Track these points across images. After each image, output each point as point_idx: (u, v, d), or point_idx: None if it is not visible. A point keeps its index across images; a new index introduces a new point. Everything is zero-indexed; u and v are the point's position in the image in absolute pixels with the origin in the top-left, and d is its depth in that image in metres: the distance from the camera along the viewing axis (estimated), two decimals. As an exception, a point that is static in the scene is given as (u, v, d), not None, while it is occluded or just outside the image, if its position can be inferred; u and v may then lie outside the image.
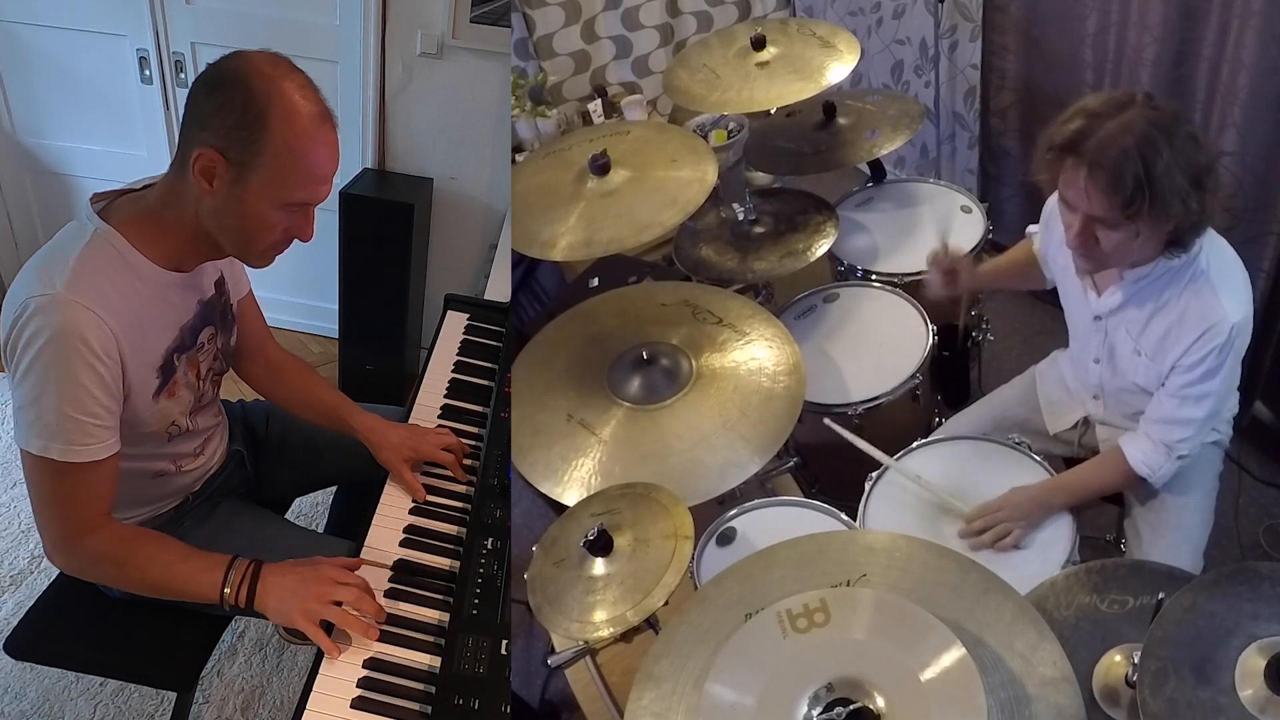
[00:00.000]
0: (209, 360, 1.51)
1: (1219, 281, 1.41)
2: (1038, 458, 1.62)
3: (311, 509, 2.63)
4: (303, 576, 1.35)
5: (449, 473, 1.64)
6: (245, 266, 1.59)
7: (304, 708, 1.21)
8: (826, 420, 1.71)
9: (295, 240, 1.35)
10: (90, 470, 1.28)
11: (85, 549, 1.33)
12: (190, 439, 1.52)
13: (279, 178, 1.24)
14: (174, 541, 1.39)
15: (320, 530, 2.24)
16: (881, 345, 1.87)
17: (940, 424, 1.88)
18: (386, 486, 1.59)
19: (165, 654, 1.56)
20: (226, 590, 1.32)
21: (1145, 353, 1.49)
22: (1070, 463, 1.81)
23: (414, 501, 1.56)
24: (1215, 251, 1.43)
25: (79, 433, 1.25)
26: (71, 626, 1.58)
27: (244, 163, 1.22)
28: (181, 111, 1.29)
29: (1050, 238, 1.64)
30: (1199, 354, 1.40)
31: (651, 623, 1.24)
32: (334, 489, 2.09)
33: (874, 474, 1.63)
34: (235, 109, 1.20)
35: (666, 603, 1.20)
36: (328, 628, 1.30)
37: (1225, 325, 1.38)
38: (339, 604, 1.31)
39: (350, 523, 2.09)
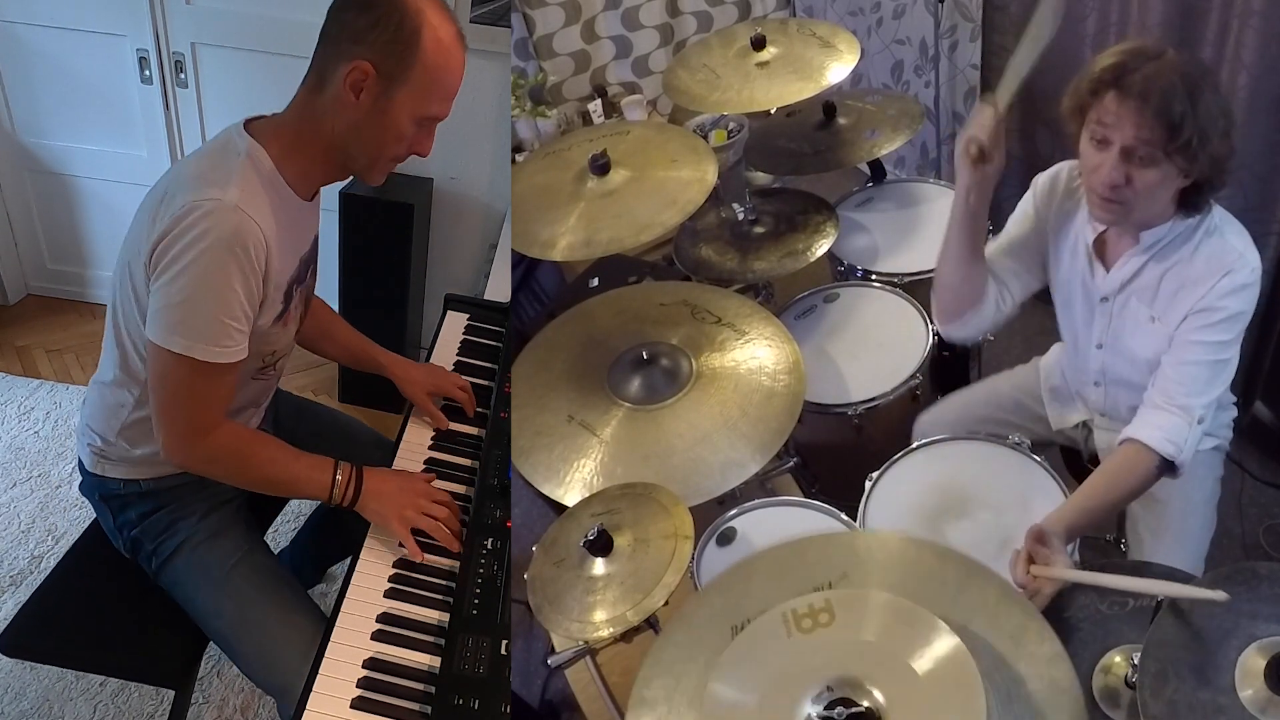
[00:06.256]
0: (303, 301, 1.57)
1: (1233, 233, 1.40)
2: (1038, 458, 1.61)
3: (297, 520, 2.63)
4: (401, 485, 1.50)
5: (448, 472, 1.65)
6: None
7: (304, 708, 1.21)
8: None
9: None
10: (224, 371, 1.36)
11: (208, 446, 1.42)
12: (262, 385, 1.58)
13: (422, 91, 1.33)
14: (282, 443, 1.51)
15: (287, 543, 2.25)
16: (881, 345, 1.87)
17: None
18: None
19: (159, 651, 1.56)
20: (335, 491, 1.46)
21: (1159, 317, 1.45)
22: (1068, 454, 1.80)
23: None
24: (1225, 214, 1.43)
25: (223, 335, 1.32)
26: (67, 624, 1.59)
27: (394, 75, 1.31)
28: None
29: (1049, 212, 1.61)
30: (1219, 295, 1.37)
31: (651, 623, 1.24)
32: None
33: (874, 474, 1.63)
34: (392, 26, 1.29)
35: (666, 603, 1.20)
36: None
37: (1245, 267, 1.36)
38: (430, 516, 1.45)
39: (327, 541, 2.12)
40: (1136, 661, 1.13)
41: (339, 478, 1.46)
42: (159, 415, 1.40)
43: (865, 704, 0.94)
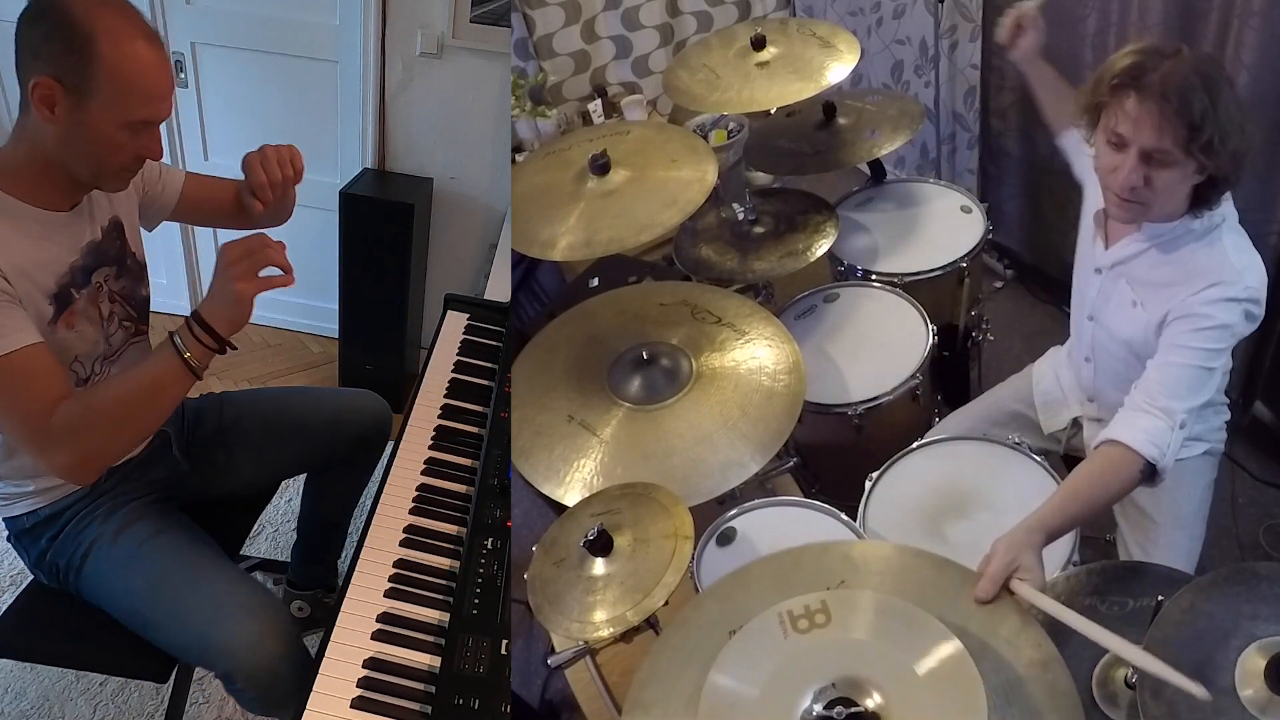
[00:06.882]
0: (111, 303, 1.50)
1: (1234, 246, 1.40)
2: (1038, 458, 1.62)
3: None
4: (218, 279, 1.33)
5: (449, 472, 1.65)
6: (167, 190, 1.64)
7: (304, 708, 1.21)
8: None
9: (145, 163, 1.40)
10: (20, 362, 1.27)
11: (56, 431, 1.28)
12: None
13: (117, 98, 1.28)
14: (115, 375, 1.46)
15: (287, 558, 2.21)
16: (881, 345, 1.87)
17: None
18: (386, 487, 1.59)
19: (142, 646, 1.56)
20: (188, 355, 1.31)
21: (1142, 303, 1.46)
22: (1066, 461, 1.81)
23: (413, 502, 1.57)
24: (1234, 228, 1.43)
25: None
26: (51, 622, 1.59)
27: (80, 87, 1.25)
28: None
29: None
30: (1202, 302, 1.36)
31: (652, 623, 1.24)
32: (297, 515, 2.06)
33: (874, 474, 1.63)
34: (63, 38, 1.24)
35: (667, 603, 1.20)
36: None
37: (1237, 281, 1.35)
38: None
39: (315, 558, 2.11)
40: (1136, 662, 1.13)
41: (180, 341, 1.32)
42: (10, 437, 1.39)
43: (865, 704, 0.94)
